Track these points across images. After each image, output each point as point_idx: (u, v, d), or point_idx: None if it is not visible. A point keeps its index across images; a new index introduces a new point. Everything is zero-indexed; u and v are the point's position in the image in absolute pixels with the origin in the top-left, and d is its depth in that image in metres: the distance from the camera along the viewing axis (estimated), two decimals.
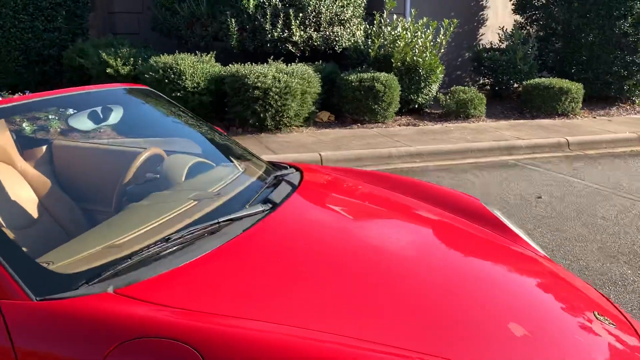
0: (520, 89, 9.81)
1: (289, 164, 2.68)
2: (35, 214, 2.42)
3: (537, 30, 10.54)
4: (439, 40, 8.54)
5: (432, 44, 8.40)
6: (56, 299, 1.35)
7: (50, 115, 5.05)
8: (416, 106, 8.60)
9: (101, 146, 2.91)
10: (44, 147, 2.79)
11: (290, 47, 8.17)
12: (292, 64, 7.59)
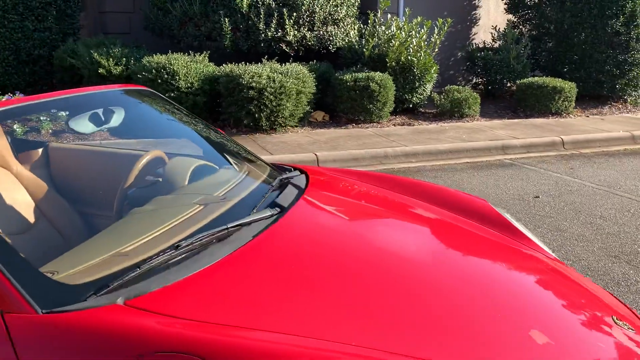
0: (513, 88, 9.82)
1: (292, 165, 2.63)
2: (31, 219, 2.36)
3: (529, 29, 10.56)
4: (433, 39, 8.51)
5: (426, 43, 8.38)
6: (63, 312, 1.29)
7: (42, 117, 4.96)
8: (410, 106, 8.58)
9: (99, 149, 2.84)
10: (39, 150, 2.72)
11: (284, 47, 8.11)
12: (286, 63, 7.54)
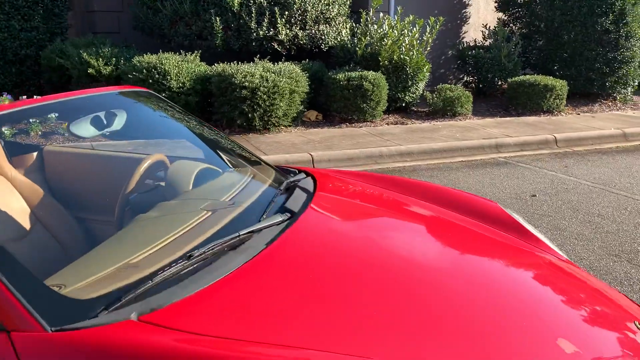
0: (504, 86, 9.82)
1: (296, 167, 2.57)
2: (27, 226, 2.28)
3: (520, 27, 10.58)
4: (425, 38, 8.49)
5: (419, 42, 8.35)
6: (74, 329, 1.21)
7: (31, 119, 4.83)
8: (403, 105, 8.54)
9: (96, 152, 2.76)
10: (34, 154, 2.63)
11: (276, 46, 8.03)
12: (279, 62, 7.46)
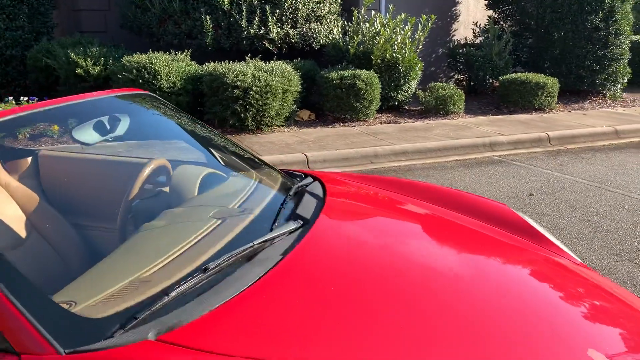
0: (495, 84, 9.82)
1: (302, 171, 2.50)
2: (23, 234, 2.19)
3: (510, 25, 10.59)
4: (416, 36, 8.45)
5: (411, 40, 8.31)
6: (89, 351, 1.13)
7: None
8: (396, 103, 8.50)
9: (93, 156, 2.66)
10: (28, 159, 2.54)
11: (267, 45, 7.95)
12: (270, 61, 7.38)
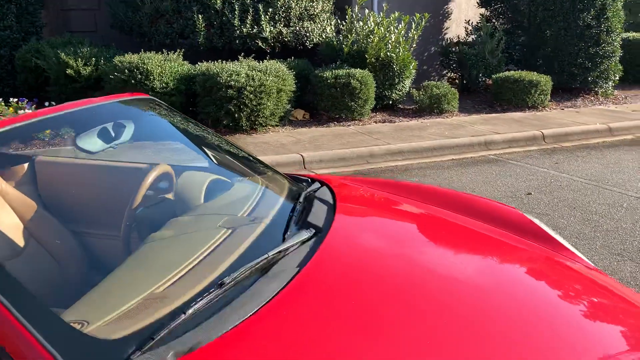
0: (488, 82, 9.82)
1: (308, 175, 2.45)
2: (21, 243, 2.12)
3: (502, 23, 10.59)
4: (410, 35, 8.41)
5: (404, 38, 8.27)
6: None
7: None
8: (390, 102, 8.46)
9: (91, 162, 2.59)
10: (25, 165, 2.46)
11: (260, 44, 7.87)
12: (264, 60, 7.30)
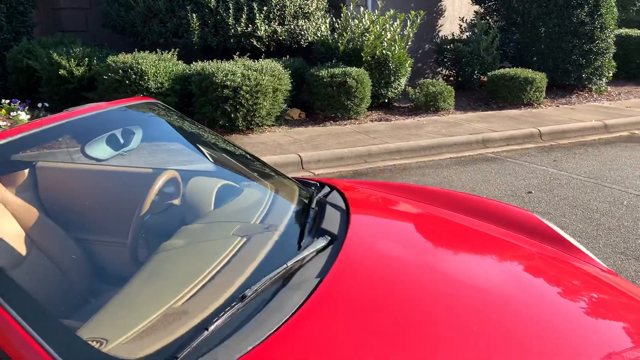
0: (483, 79, 9.81)
1: (316, 179, 2.40)
2: (23, 250, 2.06)
3: (496, 20, 10.58)
4: (406, 32, 8.38)
5: (400, 36, 8.23)
6: None
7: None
8: (386, 100, 8.43)
9: (93, 167, 2.53)
10: (25, 171, 2.40)
11: (254, 42, 7.80)
12: (260, 60, 7.24)
